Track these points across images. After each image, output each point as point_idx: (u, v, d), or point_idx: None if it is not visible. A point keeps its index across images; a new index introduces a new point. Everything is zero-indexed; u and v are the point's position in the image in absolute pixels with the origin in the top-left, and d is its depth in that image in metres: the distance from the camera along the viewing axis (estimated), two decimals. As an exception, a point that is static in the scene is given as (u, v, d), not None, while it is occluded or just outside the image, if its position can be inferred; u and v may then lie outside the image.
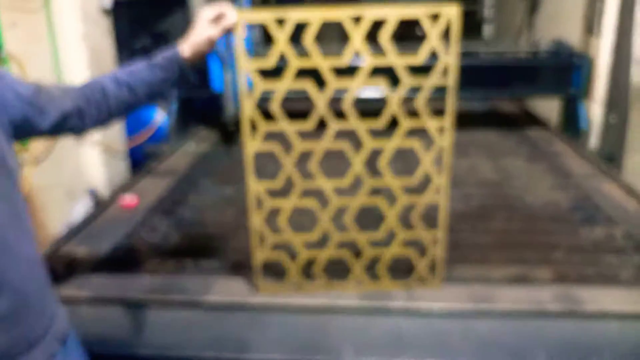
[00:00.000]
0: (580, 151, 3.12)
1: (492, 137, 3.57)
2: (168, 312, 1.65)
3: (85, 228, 2.19)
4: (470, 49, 4.85)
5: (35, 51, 3.80)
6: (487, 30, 7.28)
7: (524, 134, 3.59)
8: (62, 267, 1.73)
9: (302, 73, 1.44)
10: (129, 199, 2.41)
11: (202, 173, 2.96)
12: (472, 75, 3.42)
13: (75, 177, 4.50)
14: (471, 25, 7.67)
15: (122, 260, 1.97)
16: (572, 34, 4.17)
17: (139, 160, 4.45)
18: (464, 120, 3.92)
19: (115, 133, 4.85)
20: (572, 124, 3.48)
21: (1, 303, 1.09)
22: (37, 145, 3.81)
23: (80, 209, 4.43)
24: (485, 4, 7.32)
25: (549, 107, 4.27)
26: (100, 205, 2.43)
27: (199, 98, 3.72)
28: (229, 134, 3.45)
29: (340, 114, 1.50)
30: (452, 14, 1.36)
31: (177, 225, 2.28)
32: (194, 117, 4.07)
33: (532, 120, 3.99)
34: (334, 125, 1.46)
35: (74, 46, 4.22)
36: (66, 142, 4.33)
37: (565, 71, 3.42)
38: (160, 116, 4.73)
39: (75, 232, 2.12)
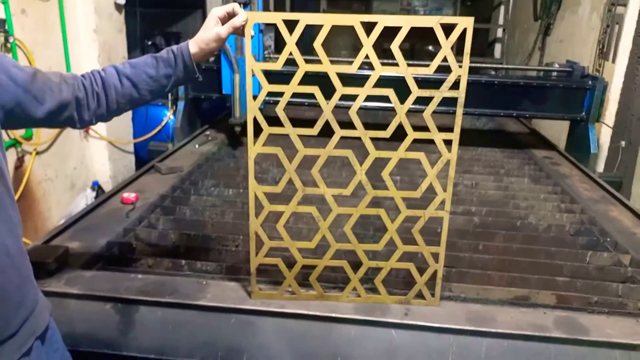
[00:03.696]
0: (588, 174, 3.07)
1: (497, 155, 3.53)
2: (158, 312, 1.61)
3: (81, 222, 2.15)
4: (480, 67, 4.85)
5: (45, 40, 3.80)
6: (498, 50, 7.29)
7: (529, 154, 3.54)
8: (53, 261, 1.69)
9: (312, 82, 1.41)
10: (128, 195, 2.38)
11: (205, 174, 2.93)
12: (480, 92, 3.41)
13: (79, 169, 4.49)
14: (482, 44, 7.69)
15: (116, 257, 1.93)
16: (584, 57, 4.16)
17: (145, 157, 4.44)
18: (469, 137, 3.90)
19: (122, 128, 4.86)
20: (580, 146, 3.44)
21: None
22: (40, 135, 3.81)
23: (82, 201, 4.42)
24: (497, 24, 7.33)
25: (556, 128, 4.25)
26: (99, 200, 2.38)
27: (208, 98, 3.70)
28: (235, 135, 3.43)
29: (346, 124, 1.47)
30: (468, 24, 1.32)
31: (175, 225, 2.25)
32: (201, 117, 4.07)
33: (538, 140, 3.95)
34: (339, 132, 1.43)
35: (85, 38, 4.22)
36: (72, 134, 4.34)
37: (577, 93, 3.38)
38: (169, 115, 4.74)
39: (70, 225, 2.09)
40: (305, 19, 1.31)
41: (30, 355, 1.20)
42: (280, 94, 1.42)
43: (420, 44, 8.76)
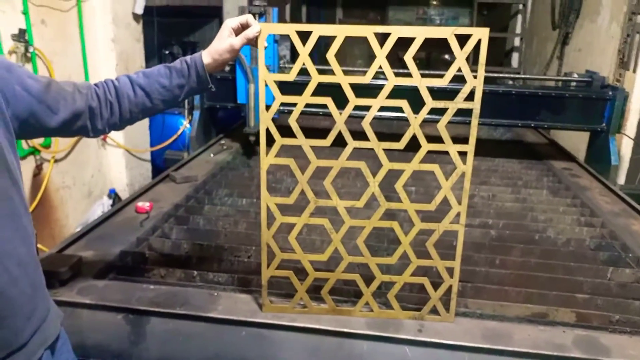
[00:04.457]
0: (609, 187, 2.99)
1: (515, 166, 3.47)
2: (169, 324, 1.60)
3: (95, 230, 2.16)
4: (498, 77, 4.80)
5: (64, 50, 3.86)
6: (516, 59, 7.21)
7: (548, 166, 3.47)
8: (66, 270, 1.69)
9: (326, 92, 1.40)
10: (142, 204, 2.38)
11: (220, 183, 2.93)
12: (498, 102, 3.36)
13: (97, 177, 4.54)
14: (499, 53, 7.62)
15: (129, 266, 1.93)
16: (603, 67, 4.08)
17: (161, 165, 4.47)
18: (487, 148, 3.85)
19: (139, 136, 4.91)
20: (601, 158, 3.37)
21: None
22: (58, 143, 3.86)
23: (99, 208, 4.47)
24: (514, 34, 7.26)
25: (576, 139, 4.17)
26: (114, 208, 2.39)
27: (223, 108, 3.72)
28: (250, 145, 3.44)
29: (360, 134, 1.46)
30: (483, 35, 1.30)
31: (188, 235, 2.25)
32: (216, 126, 4.08)
33: (558, 151, 3.88)
34: (351, 143, 1.41)
35: (103, 48, 4.28)
36: (89, 142, 4.40)
37: (597, 103, 3.32)
38: (185, 123, 4.78)
39: (84, 234, 2.10)
40: (319, 30, 1.30)
41: (39, 365, 1.20)
42: (296, 104, 1.41)
43: (436, 53, 8.73)
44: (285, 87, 1.40)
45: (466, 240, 2.25)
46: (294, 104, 1.40)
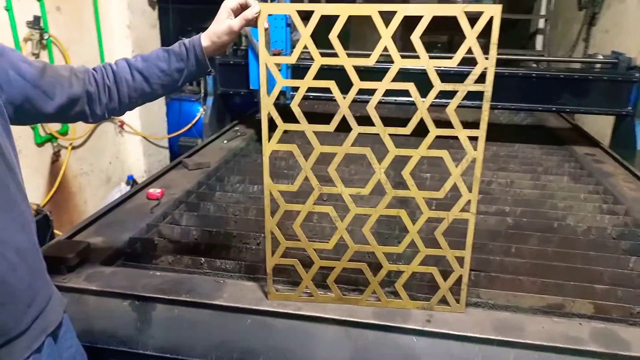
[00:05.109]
0: (634, 173, 2.87)
1: (536, 152, 3.36)
2: (174, 311, 1.59)
3: (106, 217, 2.17)
4: (519, 59, 4.65)
5: (80, 37, 3.88)
6: (540, 41, 6.97)
7: (571, 151, 3.35)
8: (74, 256, 1.69)
9: (334, 76, 1.35)
10: (154, 190, 2.38)
11: (232, 169, 2.91)
12: (518, 86, 3.25)
13: (114, 163, 4.59)
14: (523, 36, 7.37)
15: (137, 253, 1.93)
16: (632, 48, 3.90)
17: (178, 151, 4.47)
18: (506, 133, 3.74)
19: (157, 123, 4.93)
20: (626, 143, 3.23)
21: None
22: (76, 130, 3.90)
23: (117, 194, 4.52)
24: (539, 15, 7.01)
25: (600, 124, 4.02)
26: (125, 195, 2.40)
27: (236, 94, 3.69)
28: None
29: (367, 119, 1.40)
30: (495, 12, 1.23)
31: (198, 221, 2.24)
32: (231, 113, 4.06)
33: (580, 136, 3.75)
34: (356, 128, 1.36)
35: (118, 34, 4.29)
36: (107, 129, 4.43)
37: (623, 86, 3.17)
38: (201, 110, 4.77)
39: (95, 220, 2.10)
40: (320, 9, 1.24)
41: (41, 352, 1.20)
42: (313, 89, 1.36)
43: (459, 36, 8.48)
44: (298, 72, 1.35)
45: (481, 228, 2.19)
46: (309, 89, 1.35)
